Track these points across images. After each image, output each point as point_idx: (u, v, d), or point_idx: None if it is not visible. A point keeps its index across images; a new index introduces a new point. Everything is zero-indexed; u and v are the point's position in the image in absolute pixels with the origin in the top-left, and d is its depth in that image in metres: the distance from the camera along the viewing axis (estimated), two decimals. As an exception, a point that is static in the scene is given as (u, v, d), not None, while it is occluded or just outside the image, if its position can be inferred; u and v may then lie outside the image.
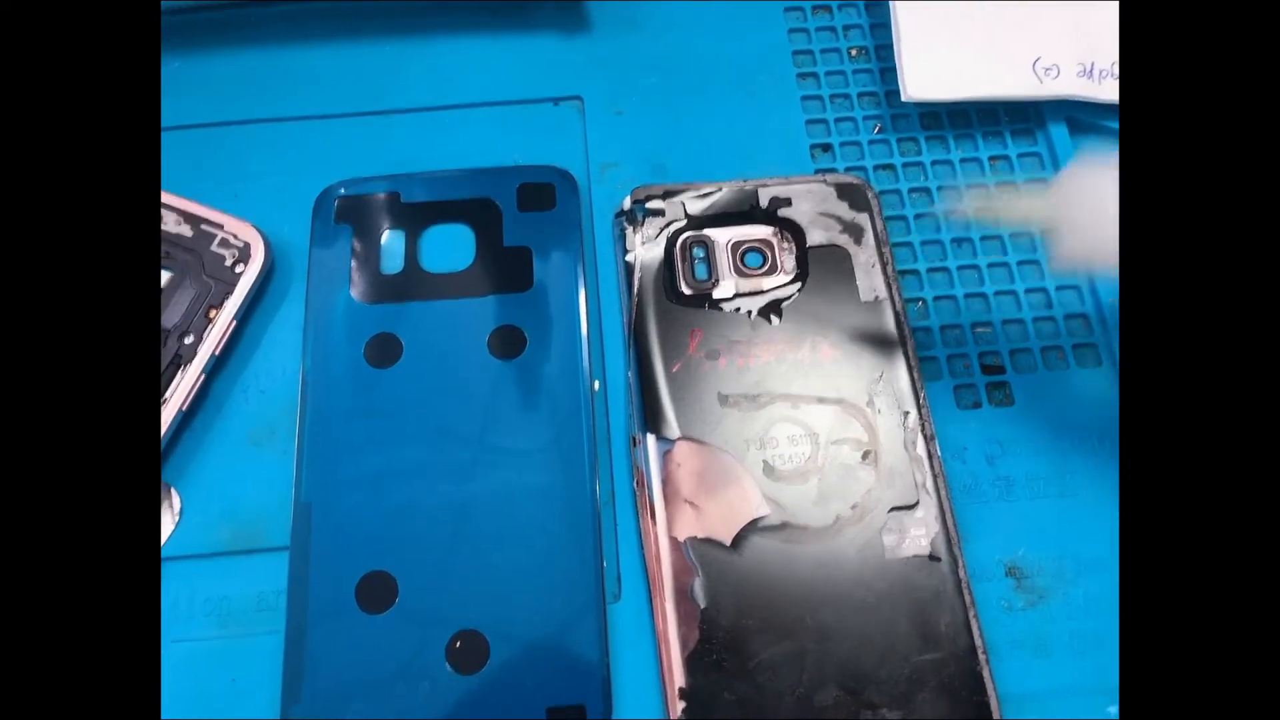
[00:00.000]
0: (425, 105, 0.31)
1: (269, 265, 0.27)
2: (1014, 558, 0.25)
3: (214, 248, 0.27)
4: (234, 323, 0.27)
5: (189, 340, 0.26)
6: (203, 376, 0.26)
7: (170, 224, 0.27)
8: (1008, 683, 0.24)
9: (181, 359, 0.26)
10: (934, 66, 0.29)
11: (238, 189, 0.29)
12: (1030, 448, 0.26)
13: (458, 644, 0.24)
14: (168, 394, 0.25)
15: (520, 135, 0.30)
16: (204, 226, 0.27)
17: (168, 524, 0.25)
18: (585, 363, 0.27)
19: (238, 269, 0.27)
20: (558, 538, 0.25)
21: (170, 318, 0.26)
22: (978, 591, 0.24)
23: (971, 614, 0.24)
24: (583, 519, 0.25)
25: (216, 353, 0.26)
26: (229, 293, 0.27)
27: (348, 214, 0.29)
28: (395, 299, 0.27)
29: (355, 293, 0.28)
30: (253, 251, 0.27)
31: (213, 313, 0.26)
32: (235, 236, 0.27)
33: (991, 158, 0.30)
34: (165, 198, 0.28)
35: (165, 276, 0.27)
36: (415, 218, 0.29)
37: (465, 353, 0.27)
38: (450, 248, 0.28)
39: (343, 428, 0.26)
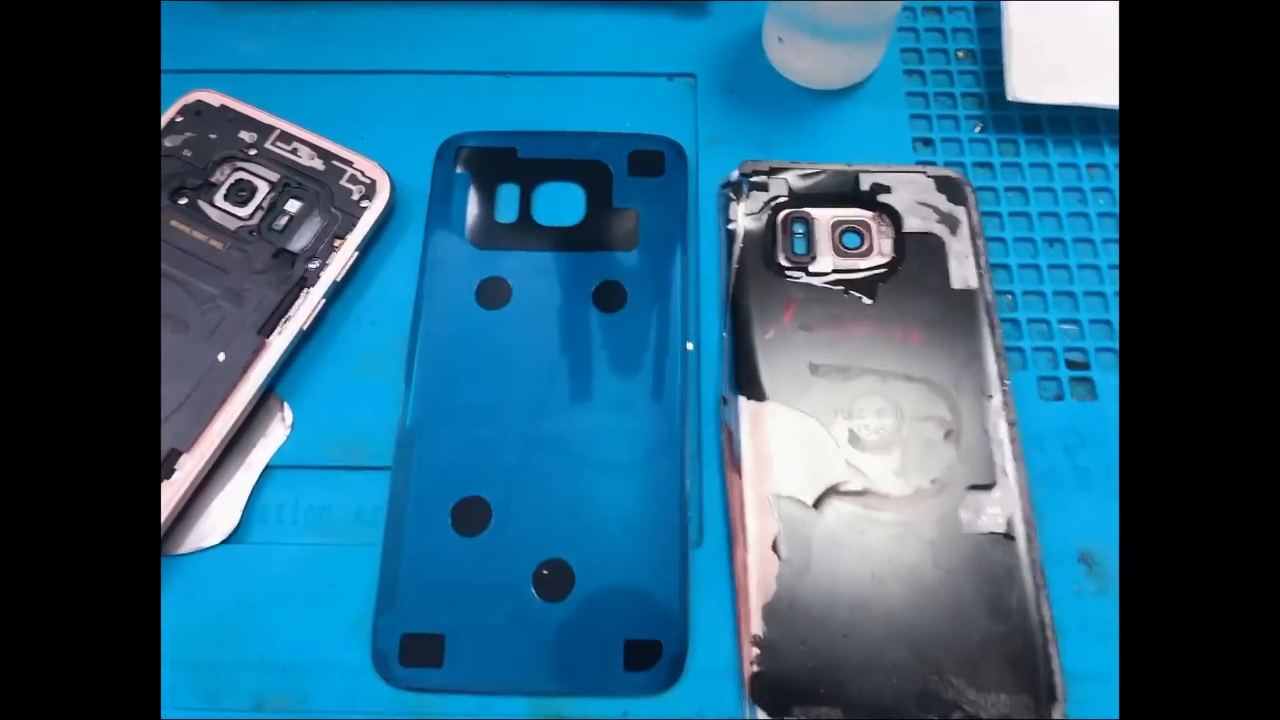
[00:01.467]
0: (545, 70, 0.32)
1: (392, 203, 0.29)
2: (1087, 545, 0.25)
3: (343, 182, 0.28)
4: (356, 253, 0.28)
5: (313, 265, 0.27)
6: (324, 301, 0.27)
7: (304, 158, 0.29)
8: (1073, 661, 0.24)
9: (305, 282, 0.27)
10: (1041, 69, 0.30)
11: (365, 133, 0.30)
12: (1109, 443, 0.26)
13: (545, 572, 0.24)
14: (290, 313, 0.26)
15: (634, 106, 0.31)
16: (335, 162, 0.29)
17: (279, 435, 0.26)
18: (682, 323, 0.27)
19: (363, 204, 0.28)
20: (646, 481, 0.25)
21: (298, 243, 0.27)
22: (1049, 573, 0.25)
23: (1042, 593, 0.24)
24: (670, 466, 0.25)
25: (338, 279, 0.27)
26: (353, 225, 0.28)
27: (468, 163, 0.30)
28: (507, 246, 0.28)
29: (470, 237, 0.29)
30: (378, 189, 0.28)
31: (337, 242, 0.27)
32: (363, 174, 0.29)
33: (1089, 164, 0.30)
34: (301, 133, 0.29)
35: (296, 206, 0.28)
36: (531, 173, 0.30)
37: (570, 302, 0.28)
38: (562, 204, 0.29)
39: (450, 361, 0.27)
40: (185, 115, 0.29)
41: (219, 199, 0.28)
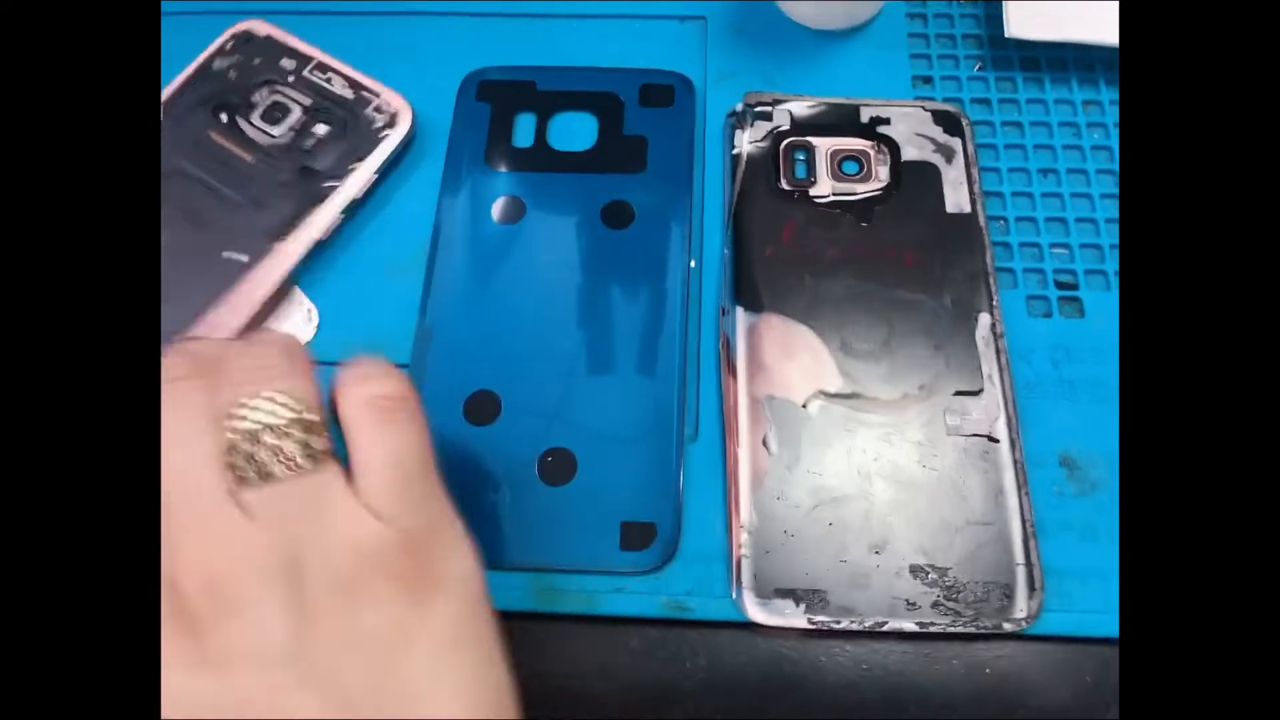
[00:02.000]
0: (563, 13, 0.33)
1: (411, 134, 0.30)
2: (1069, 450, 0.26)
3: (368, 110, 0.30)
4: (375, 176, 0.29)
5: (332, 184, 0.29)
6: (342, 216, 0.29)
7: (337, 86, 0.31)
8: (1052, 558, 0.25)
9: (322, 197, 0.29)
10: (1039, 6, 0.31)
11: (393, 67, 0.32)
12: (1096, 356, 0.27)
13: (549, 458, 0.26)
14: (304, 223, 0.28)
15: (647, 46, 0.33)
16: (363, 92, 0.31)
17: (306, 333, 0.28)
18: (686, 240, 0.29)
19: (384, 132, 0.30)
20: (647, 380, 0.27)
21: (322, 164, 0.29)
22: (1032, 475, 0.26)
23: (1024, 492, 0.25)
24: (670, 367, 0.27)
25: (355, 198, 0.29)
26: (372, 150, 0.30)
27: (488, 94, 0.31)
28: (523, 169, 0.30)
29: (489, 161, 0.30)
30: (399, 119, 0.30)
31: (356, 164, 0.29)
32: (388, 105, 0.30)
33: (1085, 101, 0.31)
34: (336, 64, 0.31)
35: (324, 129, 0.30)
36: (547, 104, 0.31)
37: (580, 219, 0.29)
38: (576, 131, 0.31)
39: (466, 267, 0.28)
40: (235, 42, 0.32)
41: (256, 118, 0.30)
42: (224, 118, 0.30)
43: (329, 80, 0.31)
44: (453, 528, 0.20)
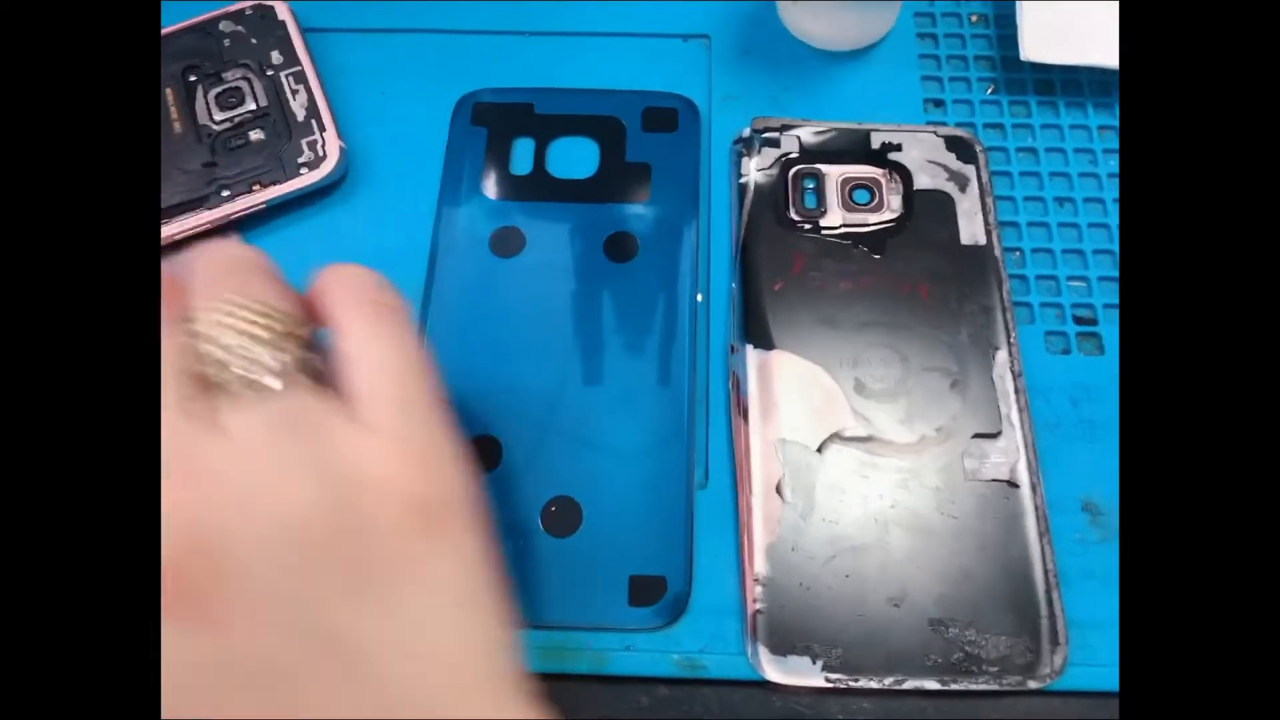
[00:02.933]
0: (563, 30, 0.32)
1: (329, 181, 0.29)
2: (1091, 495, 0.25)
3: (303, 140, 0.29)
4: (263, 205, 0.28)
5: (225, 193, 0.28)
6: (209, 226, 0.28)
7: (296, 102, 0.29)
8: (1075, 609, 0.24)
9: (206, 202, 0.28)
10: (1053, 30, 0.29)
11: (385, 88, 0.31)
12: (1116, 396, 0.26)
13: (553, 509, 0.24)
14: (176, 219, 0.27)
15: (649, 66, 0.31)
16: (313, 120, 0.29)
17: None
18: (692, 274, 0.27)
19: (300, 169, 0.28)
20: (653, 424, 0.25)
21: (227, 168, 0.28)
22: (1053, 521, 0.25)
23: (1045, 540, 0.24)
24: (678, 409, 0.26)
25: (234, 217, 0.28)
26: (280, 181, 0.28)
27: (484, 118, 0.30)
28: (522, 198, 0.29)
29: (486, 188, 0.29)
30: (322, 164, 0.28)
31: (256, 187, 0.28)
32: (323, 144, 0.29)
33: (1100, 126, 0.30)
34: (312, 77, 0.29)
35: (257, 136, 0.29)
36: (546, 128, 0.30)
37: (582, 252, 0.28)
38: (576, 158, 0.29)
39: (463, 305, 0.27)
40: (252, 13, 0.31)
41: (213, 94, 0.29)
42: (191, 78, 0.29)
43: (295, 92, 0.29)
44: (457, 447, 0.18)
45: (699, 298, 0.28)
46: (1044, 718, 0.23)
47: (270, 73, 0.29)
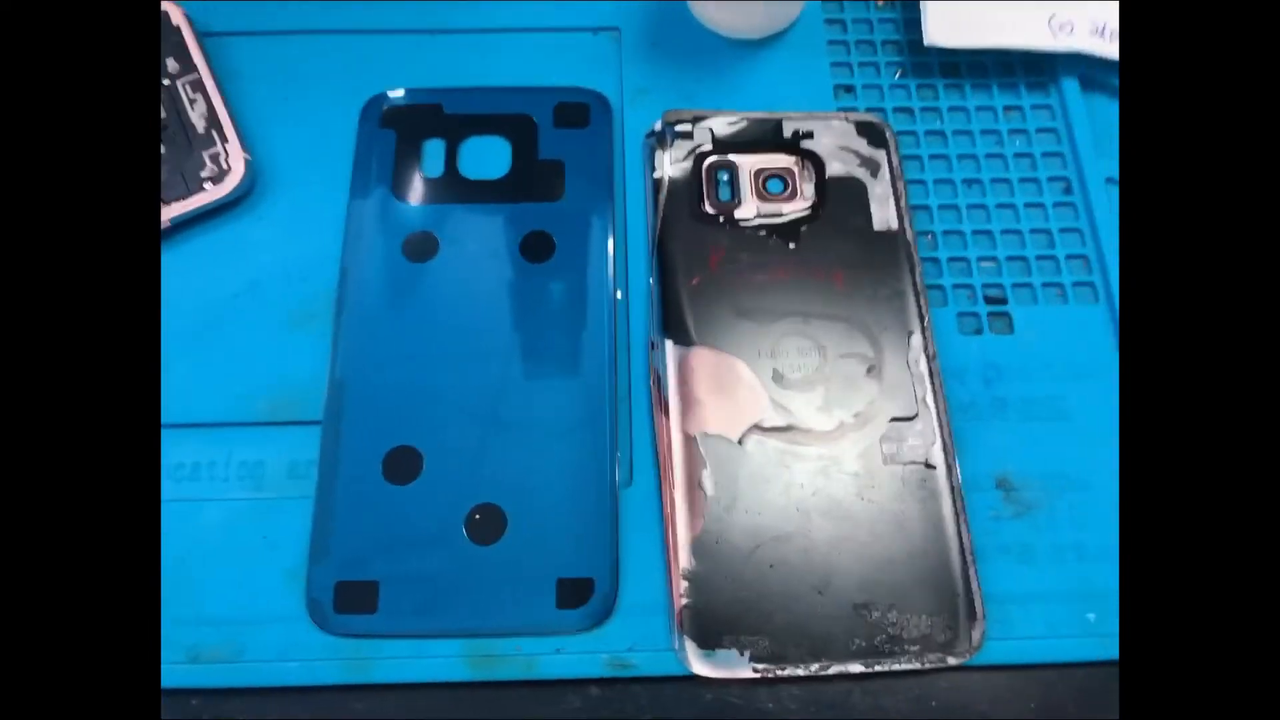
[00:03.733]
0: (469, 28, 0.31)
1: (235, 196, 0.28)
2: (1005, 472, 0.26)
3: (204, 153, 0.28)
4: (168, 224, 0.27)
5: None
6: None
7: (195, 113, 0.28)
8: (992, 584, 0.24)
9: None
10: (955, 14, 0.30)
11: (289, 93, 0.30)
12: (1026, 373, 0.27)
13: (476, 516, 0.24)
14: None
15: (559, 61, 0.31)
16: (214, 131, 0.28)
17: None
18: (610, 271, 0.27)
19: (204, 184, 0.27)
20: (576, 425, 0.25)
21: None
22: (969, 500, 0.25)
23: (962, 519, 0.25)
24: (599, 409, 0.25)
25: None
26: (183, 197, 0.27)
27: (393, 120, 0.29)
28: (434, 200, 0.28)
29: (397, 193, 0.28)
30: (226, 179, 0.27)
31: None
32: (227, 157, 0.28)
33: (1006, 107, 0.30)
34: (210, 85, 0.28)
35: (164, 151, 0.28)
36: (456, 128, 0.29)
37: (498, 254, 0.27)
38: (488, 158, 0.29)
39: (378, 313, 0.26)
40: None
41: None
42: None
43: (193, 102, 0.28)
44: None
45: (618, 294, 0.27)
46: (966, 691, 0.24)
47: (166, 81, 0.28)
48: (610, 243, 0.28)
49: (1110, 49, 0.30)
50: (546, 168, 0.29)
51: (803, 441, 0.25)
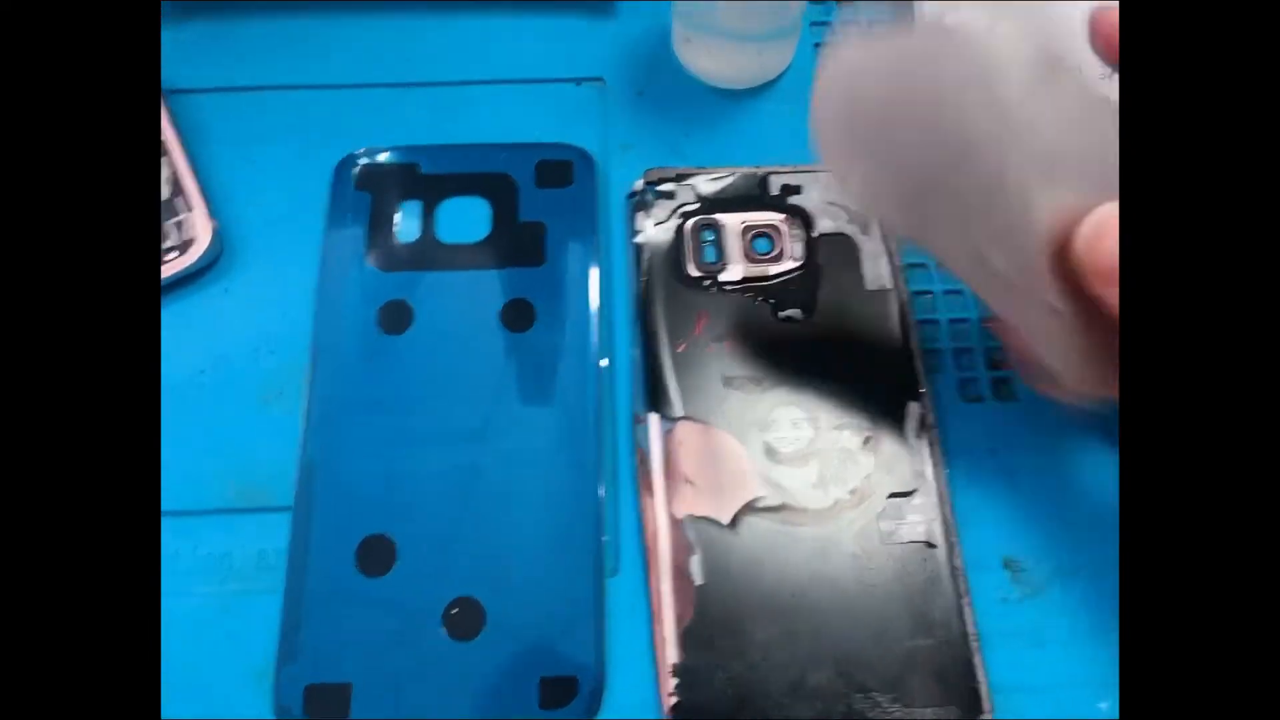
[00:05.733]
0: (449, 80, 0.30)
1: (200, 266, 0.26)
2: (1012, 550, 0.24)
3: (166, 223, 0.26)
4: None
5: None
6: None
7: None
8: (1000, 672, 0.22)
9: None
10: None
11: (256, 153, 0.28)
12: (1033, 443, 0.25)
13: (454, 610, 0.23)
14: None
15: (541, 114, 0.29)
16: (178, 199, 0.26)
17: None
18: (594, 340, 0.26)
19: (168, 255, 0.26)
20: (559, 510, 0.24)
21: None
22: (974, 581, 0.23)
23: (965, 602, 0.23)
24: (584, 493, 0.24)
25: None
26: None
27: (367, 182, 0.28)
28: (409, 267, 0.26)
29: (370, 259, 0.26)
30: (191, 249, 0.26)
31: None
32: (191, 227, 0.26)
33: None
34: (176, 149, 0.27)
35: None
36: (433, 189, 0.28)
37: (476, 323, 0.26)
38: (467, 220, 0.27)
39: (351, 390, 0.25)
40: None
41: None
42: None
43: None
44: None
45: (603, 364, 0.26)
46: (973, 788, 0.22)
47: (129, 145, 0.27)
48: (594, 309, 0.26)
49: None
50: (527, 230, 0.27)
51: (797, 521, 0.24)
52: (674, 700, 0.22)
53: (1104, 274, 0.17)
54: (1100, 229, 0.18)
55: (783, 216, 0.27)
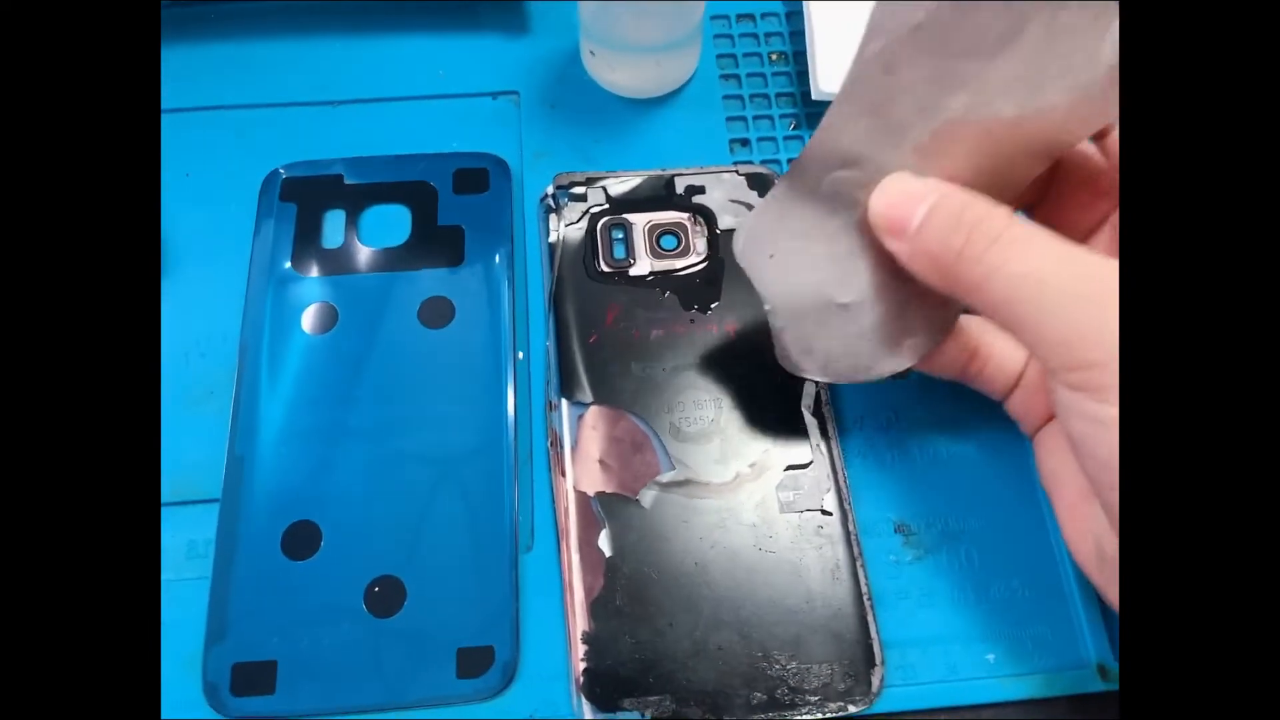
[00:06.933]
0: (370, 97, 0.31)
1: None
2: (903, 516, 0.25)
3: None
4: None
5: None
6: None
7: None
8: (892, 629, 0.24)
9: None
10: (845, 65, 0.30)
11: (191, 168, 0.29)
12: (925, 417, 0.27)
13: (376, 589, 0.24)
14: None
15: (461, 126, 0.31)
16: None
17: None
18: (509, 333, 0.27)
19: None
20: (476, 492, 0.25)
21: None
22: (867, 546, 0.25)
23: (860, 565, 0.24)
24: (499, 475, 0.25)
25: None
26: None
27: (292, 193, 0.29)
28: (333, 271, 0.28)
29: (296, 265, 0.28)
30: None
31: None
32: None
33: (895, 153, 0.30)
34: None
35: None
36: (356, 198, 0.29)
37: (397, 321, 0.27)
38: (388, 226, 0.29)
39: (277, 388, 0.26)
40: None
41: None
42: None
43: None
44: None
45: (519, 356, 0.27)
46: (870, 739, 0.23)
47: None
48: (509, 305, 0.27)
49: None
50: (446, 233, 0.28)
51: (700, 495, 0.25)
52: (584, 666, 0.23)
53: (893, 229, 0.20)
54: (881, 191, 0.20)
55: (687, 215, 0.29)
